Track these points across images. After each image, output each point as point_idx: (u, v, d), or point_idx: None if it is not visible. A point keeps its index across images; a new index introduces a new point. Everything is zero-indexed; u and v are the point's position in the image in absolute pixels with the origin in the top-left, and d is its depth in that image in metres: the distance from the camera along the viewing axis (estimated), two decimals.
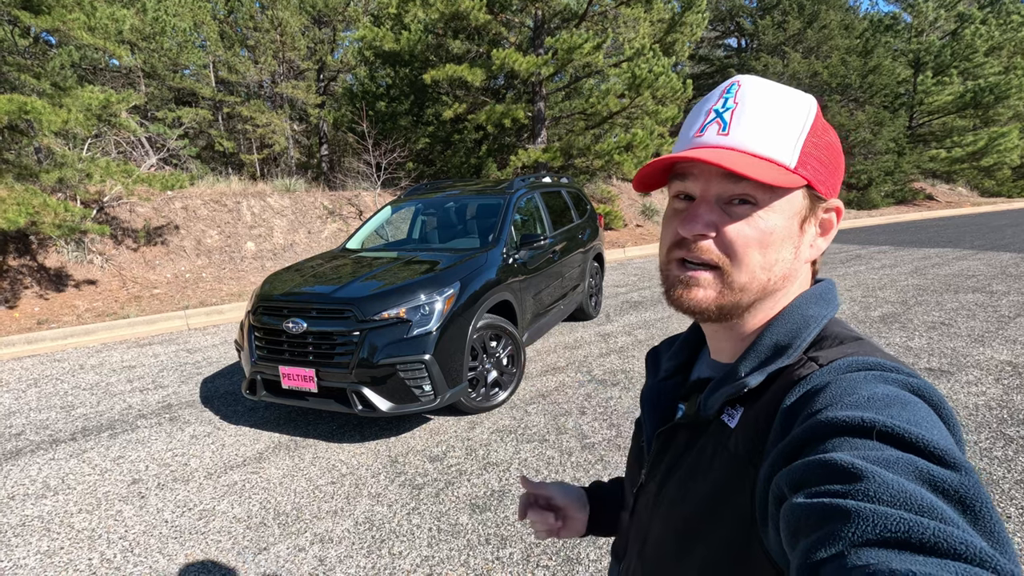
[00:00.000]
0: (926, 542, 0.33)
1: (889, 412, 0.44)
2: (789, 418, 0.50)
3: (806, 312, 0.59)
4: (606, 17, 11.81)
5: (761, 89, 0.58)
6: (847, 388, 0.48)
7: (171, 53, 12.30)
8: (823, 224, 0.61)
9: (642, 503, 0.71)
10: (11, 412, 4.16)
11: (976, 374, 3.89)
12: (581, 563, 2.22)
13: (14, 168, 7.13)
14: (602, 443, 3.20)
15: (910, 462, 0.39)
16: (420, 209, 5.30)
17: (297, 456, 3.25)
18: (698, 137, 0.59)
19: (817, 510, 0.38)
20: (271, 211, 10.07)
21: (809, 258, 0.61)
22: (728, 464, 0.56)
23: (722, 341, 0.65)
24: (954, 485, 0.38)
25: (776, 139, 0.56)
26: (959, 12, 20.94)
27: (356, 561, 2.30)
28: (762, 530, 0.49)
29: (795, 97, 0.58)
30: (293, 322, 3.30)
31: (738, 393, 0.57)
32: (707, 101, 0.61)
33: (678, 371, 0.74)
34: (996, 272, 7.51)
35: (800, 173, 0.56)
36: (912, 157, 19.70)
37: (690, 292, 0.59)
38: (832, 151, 0.59)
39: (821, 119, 0.59)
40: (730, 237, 0.56)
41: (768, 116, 0.57)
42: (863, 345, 0.56)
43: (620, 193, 14.47)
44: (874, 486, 0.37)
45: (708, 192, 0.58)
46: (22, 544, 2.54)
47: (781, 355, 0.57)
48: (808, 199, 0.58)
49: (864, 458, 0.40)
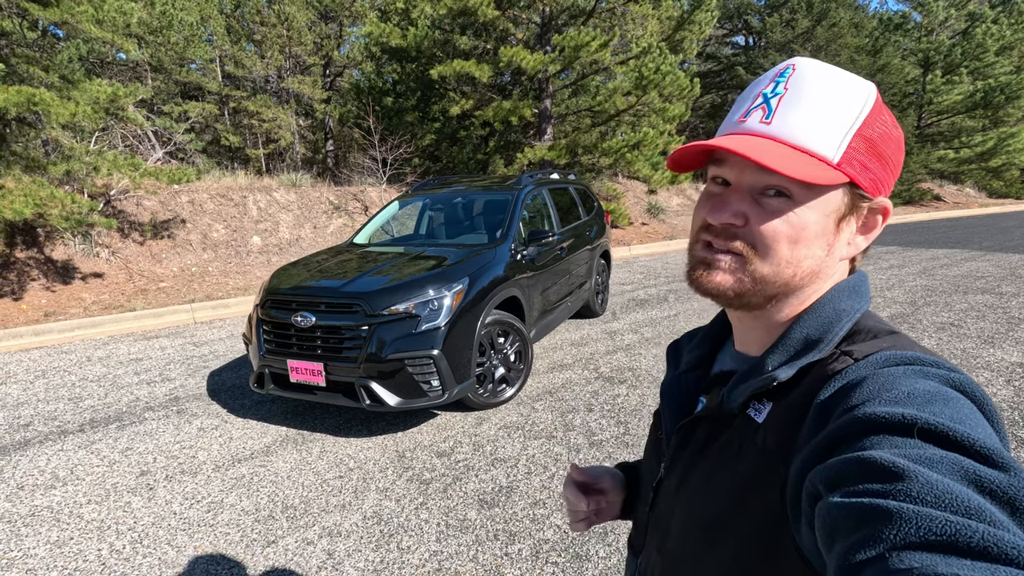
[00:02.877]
0: (975, 546, 0.32)
1: (931, 409, 0.42)
2: (824, 413, 0.48)
3: (838, 306, 0.57)
4: (614, 14, 11.76)
5: (815, 75, 0.55)
6: (885, 383, 0.46)
7: (178, 47, 12.30)
8: (866, 223, 0.58)
9: (662, 497, 0.70)
10: (19, 403, 4.17)
11: (987, 376, 3.86)
12: (590, 560, 2.21)
13: (22, 160, 7.15)
14: (610, 440, 3.19)
15: (955, 461, 0.38)
16: (428, 204, 5.29)
17: (305, 450, 3.25)
18: (741, 122, 0.57)
19: (856, 510, 0.37)
20: (277, 206, 10.07)
21: (845, 256, 0.59)
22: (756, 459, 0.54)
23: (749, 332, 0.63)
24: (1003, 486, 0.36)
25: (822, 131, 0.53)
26: (970, 11, 20.77)
27: (365, 555, 2.30)
28: (794, 527, 0.47)
29: (852, 85, 0.54)
30: (302, 316, 3.30)
31: (766, 387, 0.56)
32: (758, 84, 0.59)
33: (699, 364, 0.73)
34: (1005, 273, 7.46)
35: (844, 170, 0.53)
36: (920, 157, 19.56)
37: (711, 274, 0.58)
38: (889, 146, 0.55)
39: (880, 110, 0.55)
40: (759, 229, 0.55)
41: (817, 105, 0.54)
42: (899, 339, 0.54)
43: (626, 191, 14.42)
44: (917, 486, 0.36)
45: (742, 181, 0.56)
46: (32, 534, 2.55)
47: (812, 349, 0.55)
48: (849, 196, 0.55)
49: (906, 456, 0.38)
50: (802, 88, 0.55)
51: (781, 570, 0.51)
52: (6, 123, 7.18)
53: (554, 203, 5.18)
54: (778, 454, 0.52)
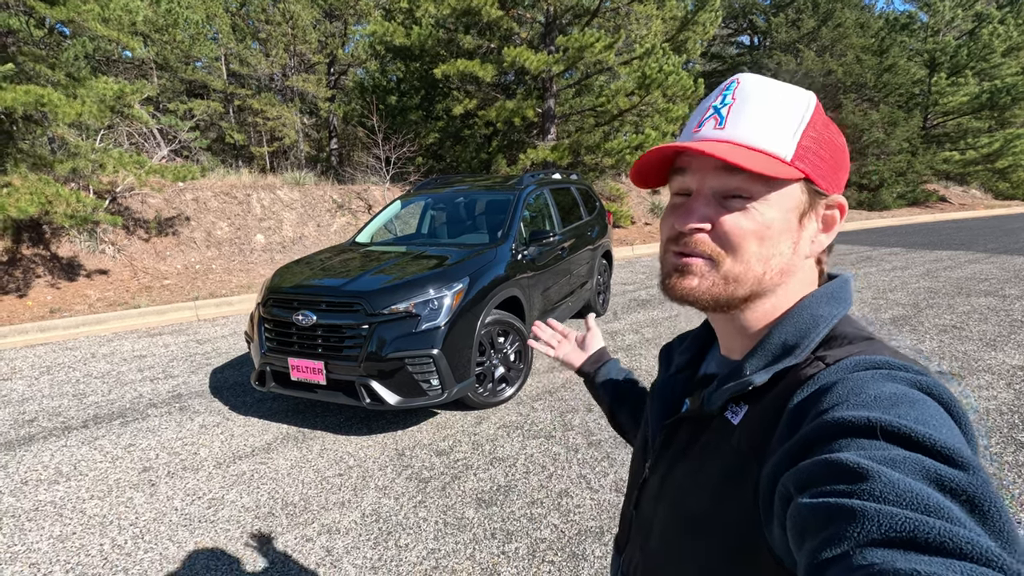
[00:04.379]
0: (932, 541, 0.33)
1: (896, 411, 0.43)
2: (796, 417, 0.50)
3: (816, 311, 0.58)
4: (618, 14, 11.74)
5: (759, 85, 0.58)
6: (854, 387, 0.47)
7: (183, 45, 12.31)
8: (825, 220, 0.60)
9: (645, 496, 0.72)
10: (24, 399, 4.21)
11: (987, 378, 3.86)
12: (587, 559, 2.22)
13: (28, 158, 7.20)
14: (608, 440, 3.21)
15: (916, 461, 0.39)
16: (430, 204, 5.30)
17: (305, 447, 3.28)
18: (695, 132, 0.60)
19: (823, 510, 0.38)
20: (281, 204, 10.11)
21: (810, 254, 0.60)
22: (730, 460, 0.56)
23: (731, 337, 0.65)
24: (962, 484, 0.37)
25: (772, 132, 0.56)
26: (976, 12, 20.63)
27: (363, 552, 2.32)
28: (767, 528, 0.49)
29: (793, 92, 0.58)
30: (303, 314, 3.32)
31: (742, 390, 0.57)
32: (707, 100, 0.62)
33: (688, 366, 0.75)
34: (1009, 276, 7.43)
35: (797, 166, 0.56)
36: (925, 158, 19.46)
37: (684, 280, 0.59)
38: (834, 146, 0.59)
39: (822, 115, 0.59)
40: (726, 228, 0.57)
41: (765, 110, 0.57)
42: (872, 344, 0.55)
43: (629, 191, 14.42)
44: (880, 485, 0.37)
45: (704, 186, 0.58)
46: (35, 529, 2.58)
47: (789, 354, 0.56)
48: (807, 193, 0.58)
49: (870, 458, 0.40)
50: (748, 97, 0.58)
51: (755, 569, 0.52)
52: (13, 121, 7.23)
53: (555, 203, 5.19)
54: (751, 455, 0.54)
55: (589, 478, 2.82)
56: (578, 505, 2.59)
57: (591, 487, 2.74)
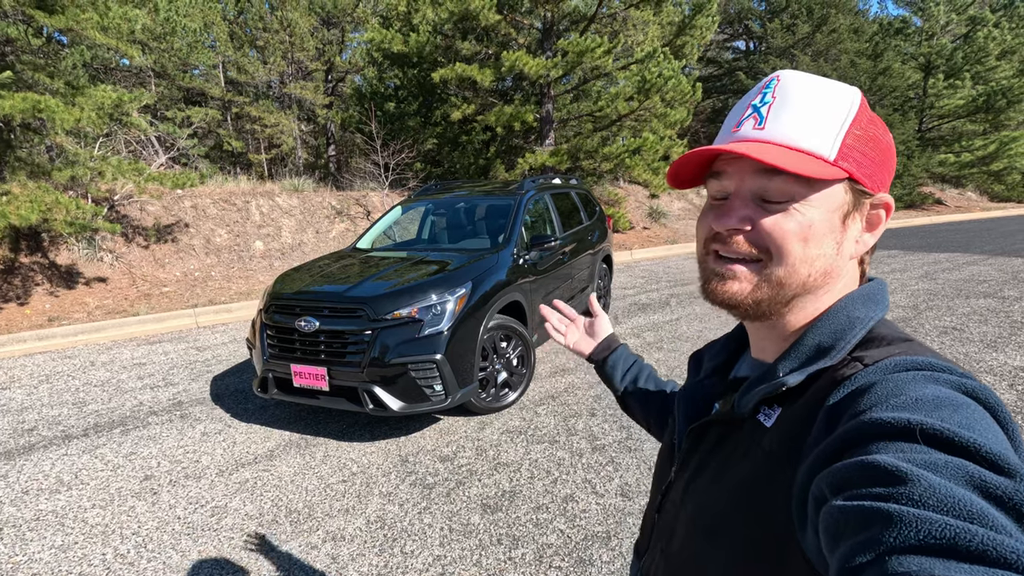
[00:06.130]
0: (973, 549, 0.32)
1: (939, 414, 0.42)
2: (832, 418, 0.48)
3: (852, 313, 0.57)
4: (615, 19, 11.81)
5: (800, 82, 0.57)
6: (894, 389, 0.46)
7: (181, 53, 12.35)
8: (870, 219, 0.59)
9: (670, 500, 0.71)
10: (24, 408, 4.19)
11: (990, 380, 3.86)
12: (594, 564, 2.21)
13: (27, 166, 7.20)
14: (613, 444, 3.20)
15: (959, 466, 0.37)
16: (430, 209, 5.31)
17: (308, 454, 3.26)
18: (735, 132, 0.59)
19: (858, 513, 0.37)
20: (279, 211, 10.11)
21: (854, 254, 0.59)
22: (762, 463, 0.55)
23: (764, 340, 0.64)
24: (1008, 492, 0.35)
25: (814, 131, 0.54)
26: (971, 15, 20.80)
27: (368, 559, 2.30)
28: (800, 532, 0.48)
29: (837, 89, 0.56)
30: (305, 320, 3.31)
31: (775, 392, 0.56)
32: (747, 97, 0.60)
33: (718, 371, 0.74)
34: (1008, 277, 7.45)
35: (841, 165, 0.54)
36: (921, 161, 19.56)
37: (725, 285, 0.58)
38: (879, 144, 0.57)
39: (867, 111, 0.57)
40: (767, 230, 0.55)
41: (806, 108, 0.55)
42: (912, 346, 0.54)
43: (627, 195, 14.44)
44: (919, 490, 0.36)
45: (743, 187, 0.57)
46: (37, 539, 2.55)
47: (823, 356, 0.55)
48: (851, 193, 0.56)
49: (910, 461, 0.38)
50: (789, 95, 0.56)
51: (781, 573, 0.51)
52: (11, 129, 7.23)
53: (556, 208, 5.20)
54: (784, 458, 0.52)
55: (594, 483, 2.81)
56: (584, 510, 2.58)
57: (596, 492, 2.73)
